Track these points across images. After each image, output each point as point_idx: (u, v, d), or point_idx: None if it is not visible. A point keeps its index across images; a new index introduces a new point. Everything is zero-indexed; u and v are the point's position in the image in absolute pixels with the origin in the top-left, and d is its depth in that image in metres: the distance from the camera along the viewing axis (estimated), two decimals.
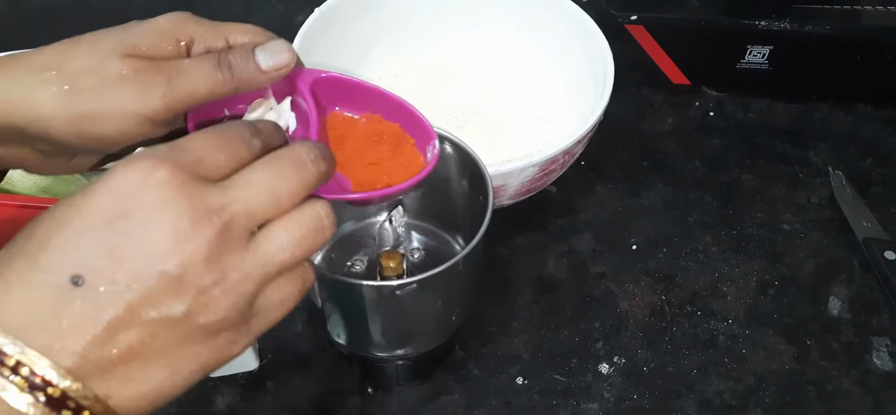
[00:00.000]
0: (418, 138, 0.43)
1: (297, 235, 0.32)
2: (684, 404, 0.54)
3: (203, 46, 0.40)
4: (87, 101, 0.37)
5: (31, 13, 0.80)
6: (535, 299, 0.59)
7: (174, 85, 0.37)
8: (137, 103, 0.37)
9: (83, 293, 0.28)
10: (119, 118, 0.37)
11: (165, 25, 0.40)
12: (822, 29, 0.68)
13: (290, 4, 0.80)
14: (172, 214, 0.29)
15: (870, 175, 0.68)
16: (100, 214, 0.29)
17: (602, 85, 0.60)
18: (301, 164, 0.32)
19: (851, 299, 0.60)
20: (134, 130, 0.37)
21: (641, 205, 0.66)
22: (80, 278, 0.29)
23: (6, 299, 0.29)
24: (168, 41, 0.40)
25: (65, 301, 0.28)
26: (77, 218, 0.29)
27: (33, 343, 0.28)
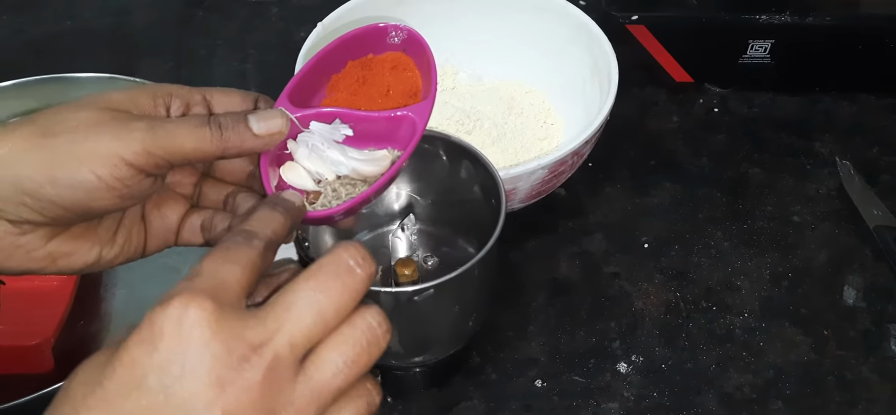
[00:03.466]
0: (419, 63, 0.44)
1: (351, 355, 0.29)
2: (704, 400, 0.54)
3: (181, 104, 0.39)
4: (60, 142, 0.35)
5: (33, 41, 0.80)
6: (550, 302, 0.59)
7: (157, 133, 0.35)
8: (115, 143, 0.35)
9: None
10: (95, 159, 0.35)
11: (146, 87, 0.39)
12: (823, 20, 0.68)
13: (290, 21, 0.81)
14: (210, 362, 0.27)
15: (877, 163, 0.68)
16: (134, 370, 0.27)
17: (606, 86, 0.60)
18: (346, 271, 0.30)
19: (866, 288, 0.60)
20: (111, 175, 0.35)
21: (650, 203, 0.66)
22: None
23: None
24: (147, 97, 0.38)
25: None
26: (112, 377, 0.27)
27: None
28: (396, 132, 0.42)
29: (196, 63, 0.78)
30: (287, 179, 0.40)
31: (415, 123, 0.42)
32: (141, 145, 0.35)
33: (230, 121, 0.37)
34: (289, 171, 0.41)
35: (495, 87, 0.70)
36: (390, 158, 0.42)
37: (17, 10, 0.82)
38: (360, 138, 0.42)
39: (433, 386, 0.55)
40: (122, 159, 0.35)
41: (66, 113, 0.36)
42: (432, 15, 0.69)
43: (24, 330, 0.53)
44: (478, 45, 0.70)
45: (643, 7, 0.69)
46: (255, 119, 0.37)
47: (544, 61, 0.68)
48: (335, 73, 0.44)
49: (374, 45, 0.44)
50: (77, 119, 0.35)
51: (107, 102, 0.37)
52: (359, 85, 0.44)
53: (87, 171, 0.35)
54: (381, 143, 0.43)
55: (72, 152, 0.35)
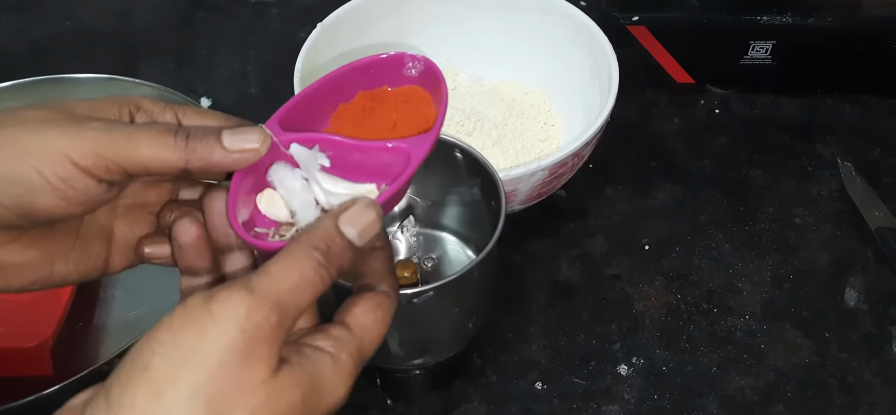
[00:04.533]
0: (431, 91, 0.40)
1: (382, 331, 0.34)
2: (705, 403, 0.54)
3: (147, 117, 0.36)
4: (4, 135, 0.32)
5: (34, 41, 0.80)
6: (551, 304, 0.59)
7: (113, 134, 0.33)
8: (63, 141, 0.32)
9: None
10: (38, 155, 0.32)
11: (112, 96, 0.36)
12: (824, 21, 0.68)
13: (291, 22, 0.80)
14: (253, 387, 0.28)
15: (879, 165, 0.67)
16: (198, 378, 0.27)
17: (607, 87, 0.59)
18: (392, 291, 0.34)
19: (867, 290, 0.60)
20: (55, 174, 0.32)
21: (652, 205, 0.65)
22: None
23: None
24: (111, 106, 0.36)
25: None
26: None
27: None
28: (390, 166, 0.38)
29: (197, 64, 0.77)
30: (263, 208, 0.36)
31: (409, 157, 0.37)
32: (91, 146, 0.32)
33: (199, 132, 0.34)
34: (266, 199, 0.37)
35: (496, 88, 0.70)
36: (376, 194, 0.38)
37: (18, 10, 0.82)
38: (350, 170, 0.38)
39: (433, 388, 0.54)
40: (67, 158, 0.32)
41: (18, 111, 0.34)
42: (434, 16, 0.69)
43: (23, 332, 0.53)
44: (479, 46, 0.70)
45: (644, 8, 0.69)
46: (229, 133, 0.34)
47: (545, 62, 0.68)
48: (343, 102, 0.40)
49: (390, 76, 0.40)
50: (28, 116, 0.33)
51: (65, 106, 0.34)
52: (364, 117, 0.40)
53: (28, 166, 0.32)
54: (373, 177, 0.38)
55: (15, 146, 0.32)
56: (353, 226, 0.32)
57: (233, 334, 0.28)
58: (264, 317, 0.28)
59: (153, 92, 0.68)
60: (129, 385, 0.27)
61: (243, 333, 0.28)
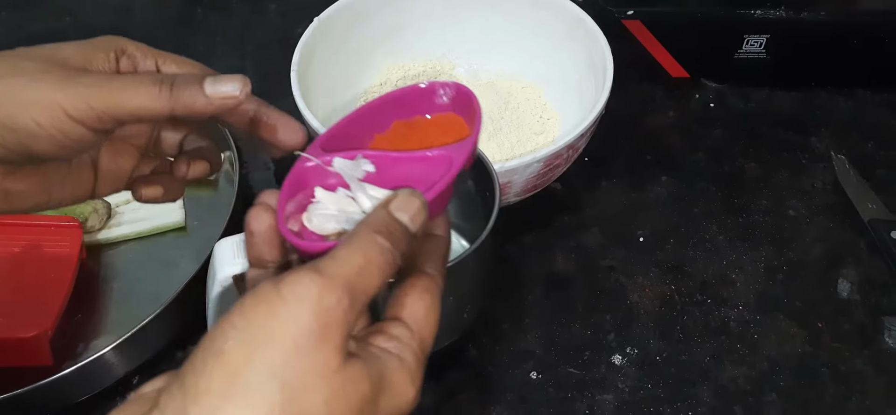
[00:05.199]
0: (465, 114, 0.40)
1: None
2: (699, 392, 0.54)
3: (130, 63, 0.39)
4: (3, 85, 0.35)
5: (33, 38, 0.80)
6: (546, 295, 0.60)
7: (103, 87, 0.35)
8: (58, 95, 0.35)
9: None
10: (36, 107, 0.35)
11: (99, 41, 0.39)
12: (818, 15, 0.68)
13: (288, 17, 0.81)
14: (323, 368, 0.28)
15: (873, 158, 0.68)
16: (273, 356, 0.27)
17: (602, 81, 0.60)
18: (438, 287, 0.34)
19: (860, 281, 0.60)
20: (52, 125, 0.35)
21: (647, 198, 0.66)
22: None
23: None
24: (99, 50, 0.38)
25: None
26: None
27: None
28: (431, 175, 0.38)
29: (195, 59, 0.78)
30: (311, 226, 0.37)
31: (451, 161, 0.38)
32: (84, 101, 0.35)
33: (182, 80, 0.36)
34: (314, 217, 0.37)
35: (492, 81, 0.70)
36: None
37: (17, 6, 0.83)
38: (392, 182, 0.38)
39: (429, 378, 0.54)
40: (63, 111, 0.35)
41: (13, 59, 0.36)
42: (430, 10, 0.69)
43: (22, 322, 0.53)
44: (475, 40, 0.70)
45: (639, 2, 0.69)
46: (211, 81, 0.36)
47: (541, 56, 0.69)
48: (379, 132, 0.40)
49: (424, 105, 0.40)
50: (24, 66, 0.36)
51: (58, 56, 0.37)
52: (400, 142, 0.41)
53: (28, 117, 0.35)
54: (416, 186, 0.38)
55: (14, 97, 0.35)
56: (405, 212, 0.32)
57: (306, 315, 0.27)
58: (336, 299, 0.28)
59: None
60: (204, 371, 0.27)
61: (316, 315, 0.27)
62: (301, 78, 0.60)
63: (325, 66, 0.64)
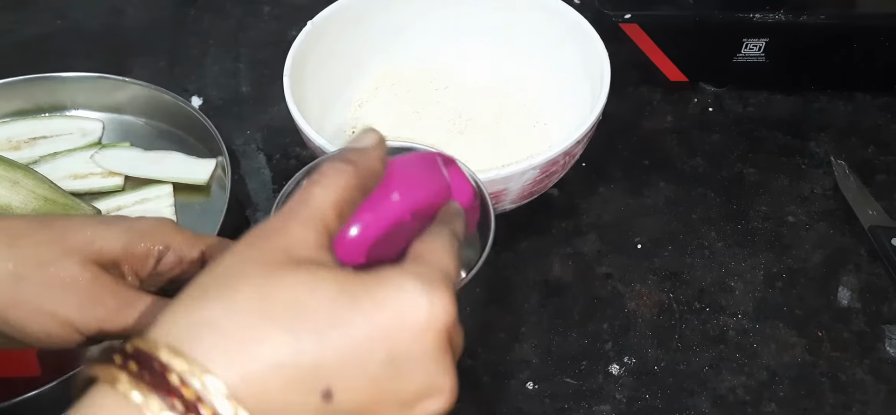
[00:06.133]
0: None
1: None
2: (697, 402, 0.54)
3: (176, 255, 0.39)
4: (27, 291, 0.36)
5: (23, 41, 0.79)
6: (543, 303, 0.59)
7: (119, 315, 0.36)
8: (76, 314, 0.36)
9: (327, 410, 0.27)
10: (52, 320, 0.36)
11: (146, 227, 0.39)
12: (817, 19, 0.68)
13: (282, 20, 0.80)
14: (435, 373, 0.29)
15: (873, 163, 0.67)
16: (386, 335, 0.27)
17: (599, 85, 0.59)
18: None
19: (861, 288, 0.59)
20: (59, 335, 0.36)
21: (644, 204, 0.65)
22: (331, 394, 0.26)
23: (249, 371, 0.25)
24: (145, 242, 0.38)
25: (309, 408, 0.26)
26: (360, 324, 0.27)
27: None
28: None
29: (188, 62, 0.77)
30: None
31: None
32: (98, 325, 0.36)
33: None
34: None
35: (488, 86, 0.69)
36: None
37: (7, 9, 0.82)
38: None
39: None
40: (76, 330, 0.36)
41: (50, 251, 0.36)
42: (425, 14, 0.68)
43: None
44: (470, 45, 0.69)
45: (637, 6, 0.69)
46: None
47: (537, 61, 0.68)
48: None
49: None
50: (54, 271, 0.36)
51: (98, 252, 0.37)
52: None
53: (39, 327, 0.36)
54: None
55: (34, 305, 0.36)
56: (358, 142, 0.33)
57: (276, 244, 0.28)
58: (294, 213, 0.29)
59: (143, 91, 0.68)
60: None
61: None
62: (294, 82, 0.59)
63: (318, 70, 0.63)
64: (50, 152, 0.65)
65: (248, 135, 0.71)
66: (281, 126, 0.70)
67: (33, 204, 0.57)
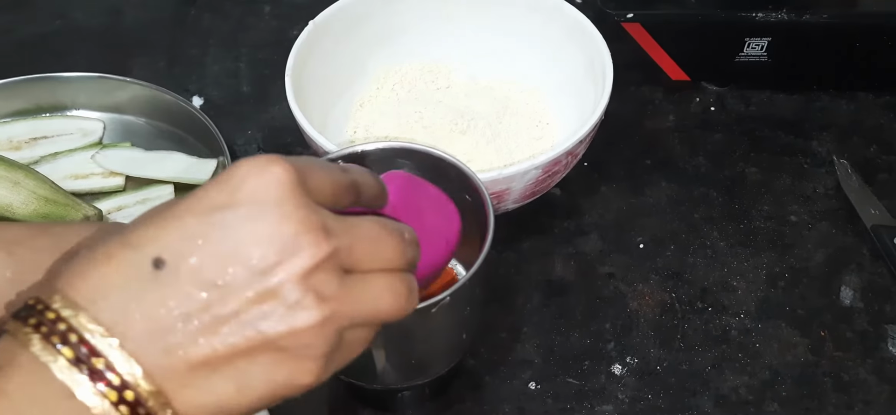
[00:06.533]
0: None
1: (392, 296, 0.30)
2: (700, 402, 0.54)
3: None
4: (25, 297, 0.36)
5: (23, 40, 0.79)
6: (545, 303, 0.59)
7: None
8: None
9: (162, 278, 0.26)
10: None
11: None
12: (820, 18, 0.67)
13: (283, 19, 0.80)
14: (280, 217, 0.27)
15: (875, 163, 0.67)
16: (204, 201, 0.27)
17: (601, 84, 0.59)
18: (403, 239, 0.31)
19: (863, 288, 0.59)
20: None
21: (646, 203, 0.65)
22: (162, 262, 0.27)
23: (83, 270, 0.27)
24: None
25: (141, 281, 0.27)
26: (181, 204, 0.28)
27: (101, 319, 0.26)
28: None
29: (188, 62, 0.77)
30: None
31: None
32: None
33: None
34: None
35: (490, 86, 0.69)
36: None
37: (6, 9, 0.82)
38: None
39: (425, 390, 0.54)
40: None
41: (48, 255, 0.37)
42: (427, 14, 0.68)
43: None
44: (472, 44, 0.69)
45: (639, 5, 0.68)
46: None
47: (539, 60, 0.68)
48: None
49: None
50: None
51: None
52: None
53: None
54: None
55: None
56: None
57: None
58: None
59: (144, 91, 0.68)
60: None
61: None
62: (295, 82, 0.59)
63: (320, 70, 0.63)
64: (51, 152, 0.65)
65: (249, 135, 0.70)
66: (282, 126, 0.70)
67: (34, 204, 0.57)
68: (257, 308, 0.27)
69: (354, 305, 0.29)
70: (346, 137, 0.66)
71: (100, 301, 0.27)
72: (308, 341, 0.28)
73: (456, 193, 0.51)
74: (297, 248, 0.27)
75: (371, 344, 0.44)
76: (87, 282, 0.27)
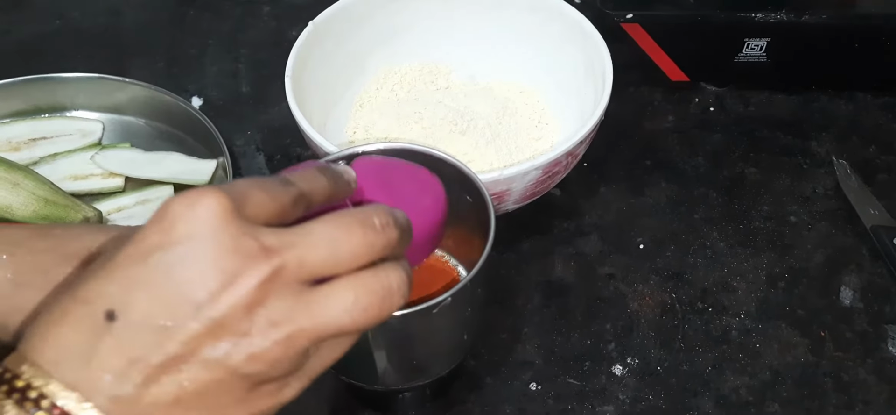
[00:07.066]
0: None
1: (363, 301, 0.29)
2: (701, 403, 0.54)
3: None
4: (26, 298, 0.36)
5: (23, 41, 0.79)
6: (545, 304, 0.59)
7: None
8: None
9: (116, 329, 0.27)
10: None
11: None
12: (819, 18, 0.67)
13: (282, 20, 0.80)
14: (216, 249, 0.27)
15: (874, 163, 0.67)
16: (142, 245, 0.28)
17: (601, 85, 0.59)
18: (369, 225, 0.30)
19: (863, 288, 0.59)
20: None
21: (646, 204, 0.65)
22: (114, 313, 0.27)
23: (44, 332, 0.28)
24: None
25: (97, 336, 0.27)
26: (124, 250, 0.28)
27: (63, 378, 0.27)
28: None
29: (187, 63, 0.77)
30: None
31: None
32: None
33: None
34: None
35: (489, 86, 0.69)
36: None
37: (5, 9, 0.81)
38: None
39: (426, 391, 0.54)
40: None
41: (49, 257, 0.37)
42: (426, 14, 0.68)
43: None
44: (472, 45, 0.69)
45: (638, 5, 0.68)
46: None
47: (539, 61, 0.68)
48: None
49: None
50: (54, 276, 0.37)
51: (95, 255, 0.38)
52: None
53: None
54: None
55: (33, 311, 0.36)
56: None
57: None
58: None
59: (143, 91, 0.68)
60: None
61: None
62: (295, 83, 0.59)
63: (319, 71, 0.63)
64: (50, 153, 0.65)
65: (248, 135, 0.70)
66: (281, 126, 0.70)
67: (33, 205, 0.57)
68: (213, 342, 0.27)
69: (316, 319, 0.28)
70: (345, 137, 0.66)
71: (63, 363, 0.27)
72: (272, 364, 0.28)
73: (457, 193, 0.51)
74: (237, 275, 0.27)
75: (372, 345, 0.44)
76: (48, 344, 0.27)
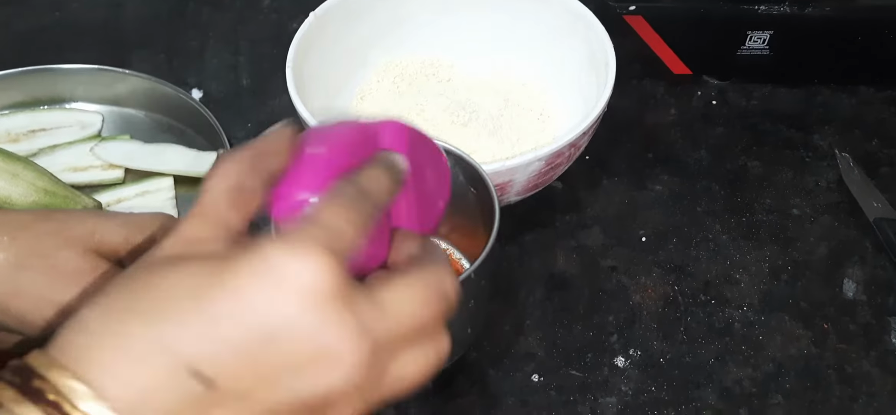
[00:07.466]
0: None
1: (422, 367, 0.29)
2: (703, 394, 0.54)
3: None
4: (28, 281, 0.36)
5: (20, 34, 0.79)
6: (547, 296, 0.58)
7: None
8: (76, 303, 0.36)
9: (210, 400, 0.25)
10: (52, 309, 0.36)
11: (145, 220, 0.39)
12: (822, 11, 0.67)
13: (282, 12, 0.79)
14: (321, 324, 0.26)
15: (877, 156, 0.67)
16: (251, 307, 0.25)
17: (604, 77, 0.59)
18: (446, 299, 0.29)
19: (866, 281, 0.59)
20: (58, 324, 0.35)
21: (648, 197, 0.65)
22: (212, 383, 0.25)
23: (113, 367, 0.25)
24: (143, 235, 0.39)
25: (186, 401, 0.25)
26: (222, 300, 0.25)
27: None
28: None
29: (188, 55, 0.76)
30: None
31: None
32: None
33: None
34: None
35: (492, 78, 0.69)
36: None
37: (5, 1, 0.81)
38: None
39: (429, 383, 0.54)
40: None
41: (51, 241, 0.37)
42: (428, 5, 0.68)
43: None
44: (474, 36, 0.69)
45: None
46: None
47: (541, 53, 0.67)
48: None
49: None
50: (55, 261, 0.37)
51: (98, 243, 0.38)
52: None
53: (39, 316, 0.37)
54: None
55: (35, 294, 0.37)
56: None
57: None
58: None
59: (143, 83, 0.67)
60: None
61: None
62: (296, 75, 0.59)
63: (320, 63, 0.63)
64: (49, 145, 0.64)
65: (249, 128, 0.70)
66: (281, 119, 0.69)
67: (33, 196, 0.57)
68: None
69: (391, 391, 0.29)
70: None
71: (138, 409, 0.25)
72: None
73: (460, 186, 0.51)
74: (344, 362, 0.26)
75: None
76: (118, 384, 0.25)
